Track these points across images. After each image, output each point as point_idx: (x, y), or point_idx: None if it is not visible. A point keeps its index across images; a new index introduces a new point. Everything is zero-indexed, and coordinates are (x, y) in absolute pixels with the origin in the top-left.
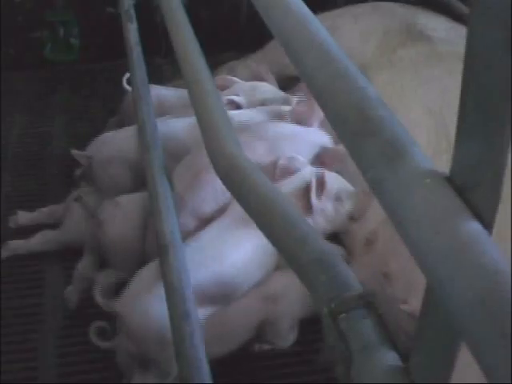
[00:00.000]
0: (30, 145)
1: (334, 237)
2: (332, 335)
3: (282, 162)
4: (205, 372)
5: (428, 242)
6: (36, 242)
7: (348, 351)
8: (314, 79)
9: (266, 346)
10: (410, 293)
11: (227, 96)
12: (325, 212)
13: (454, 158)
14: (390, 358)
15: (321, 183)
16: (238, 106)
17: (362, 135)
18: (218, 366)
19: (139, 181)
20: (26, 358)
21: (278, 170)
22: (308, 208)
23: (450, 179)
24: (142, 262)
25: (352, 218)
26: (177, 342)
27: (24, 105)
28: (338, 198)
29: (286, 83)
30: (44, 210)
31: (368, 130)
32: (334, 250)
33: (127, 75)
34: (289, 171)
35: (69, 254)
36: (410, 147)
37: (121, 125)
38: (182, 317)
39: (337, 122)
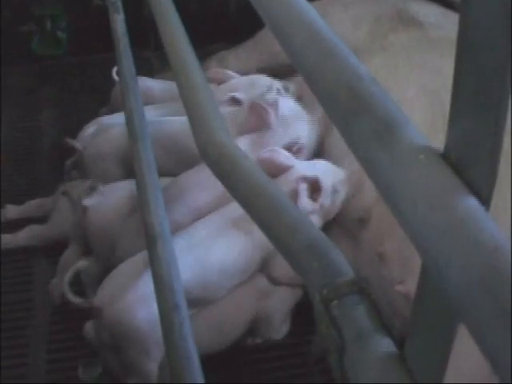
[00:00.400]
0: (20, 139)
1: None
2: (324, 323)
3: (263, 154)
4: (195, 363)
5: (423, 219)
6: (24, 236)
7: (341, 339)
8: (304, 58)
9: (259, 340)
10: (406, 273)
11: (229, 93)
12: (323, 209)
13: (448, 135)
14: (385, 344)
15: (316, 188)
16: (238, 103)
17: (353, 113)
18: (211, 359)
19: (132, 175)
20: (17, 355)
21: (260, 164)
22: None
23: (444, 156)
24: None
25: (346, 200)
26: (166, 334)
27: (12, 99)
28: (334, 191)
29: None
30: (32, 202)
31: (359, 107)
32: (325, 236)
33: (116, 67)
34: (272, 164)
35: (58, 248)
36: (402, 123)
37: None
38: (171, 308)
39: (327, 101)
